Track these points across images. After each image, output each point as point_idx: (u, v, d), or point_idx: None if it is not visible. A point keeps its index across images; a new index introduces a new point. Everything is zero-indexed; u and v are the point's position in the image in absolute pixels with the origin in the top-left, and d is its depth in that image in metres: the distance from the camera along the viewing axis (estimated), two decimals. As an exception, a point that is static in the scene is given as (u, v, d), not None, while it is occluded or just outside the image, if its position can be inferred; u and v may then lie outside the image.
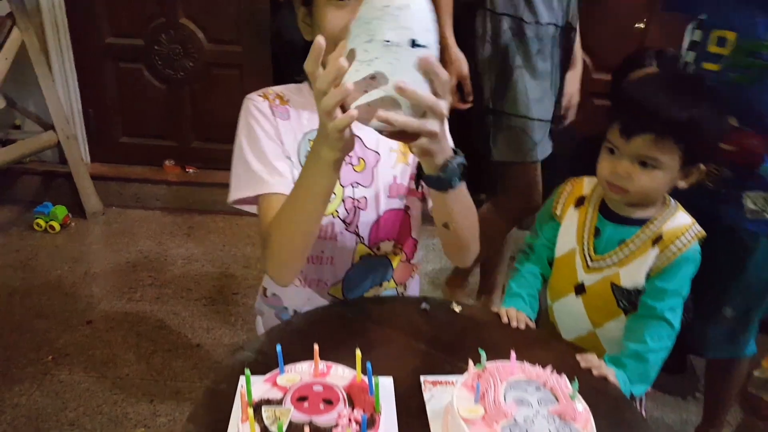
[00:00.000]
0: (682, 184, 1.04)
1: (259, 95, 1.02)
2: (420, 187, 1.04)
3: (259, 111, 1.00)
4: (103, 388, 1.73)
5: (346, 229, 1.05)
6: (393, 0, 0.66)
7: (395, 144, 1.03)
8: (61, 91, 2.69)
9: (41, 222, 2.54)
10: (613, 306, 1.10)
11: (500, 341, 1.01)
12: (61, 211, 2.57)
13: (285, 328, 1.04)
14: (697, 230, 1.04)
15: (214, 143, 2.88)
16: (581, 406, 0.77)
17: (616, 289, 1.09)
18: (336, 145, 0.73)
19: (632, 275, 1.06)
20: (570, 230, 1.14)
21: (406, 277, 1.17)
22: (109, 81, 2.76)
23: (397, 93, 0.67)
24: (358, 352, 0.80)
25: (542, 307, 1.22)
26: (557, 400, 0.78)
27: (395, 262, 1.12)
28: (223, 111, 2.79)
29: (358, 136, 0.97)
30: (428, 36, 0.68)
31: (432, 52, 0.69)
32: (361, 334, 1.01)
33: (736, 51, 1.28)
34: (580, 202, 1.15)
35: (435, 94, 0.70)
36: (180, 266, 2.40)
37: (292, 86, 1.06)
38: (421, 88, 0.68)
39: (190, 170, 2.90)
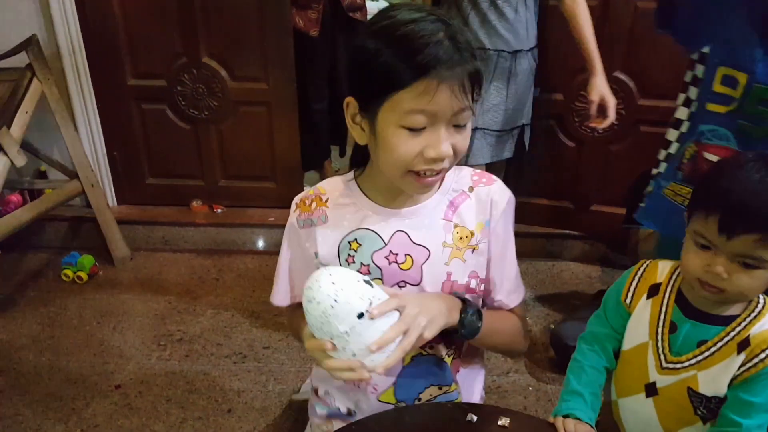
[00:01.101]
0: None
1: (297, 203, 1.00)
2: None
3: (289, 223, 1.01)
4: (133, 467, 1.66)
5: None
6: (325, 306, 0.79)
7: (449, 238, 0.96)
8: (85, 135, 2.64)
9: (69, 273, 2.49)
10: (690, 413, 0.96)
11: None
12: (88, 260, 2.52)
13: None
14: None
15: (242, 181, 2.81)
16: None
17: (694, 394, 0.95)
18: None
19: (712, 381, 0.92)
20: (642, 322, 1.00)
21: (461, 370, 1.06)
22: (133, 123, 2.70)
23: (375, 350, 0.81)
24: None
25: (605, 400, 1.09)
26: None
27: (449, 362, 1.02)
28: (251, 148, 2.74)
29: (405, 232, 0.94)
30: (365, 295, 0.81)
31: (375, 302, 0.81)
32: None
33: (745, 95, 1.11)
34: (653, 290, 1.00)
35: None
36: (209, 317, 2.33)
37: (339, 181, 1.00)
38: (389, 324, 0.82)
39: (218, 209, 2.83)
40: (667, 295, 0.99)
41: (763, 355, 0.88)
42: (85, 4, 2.47)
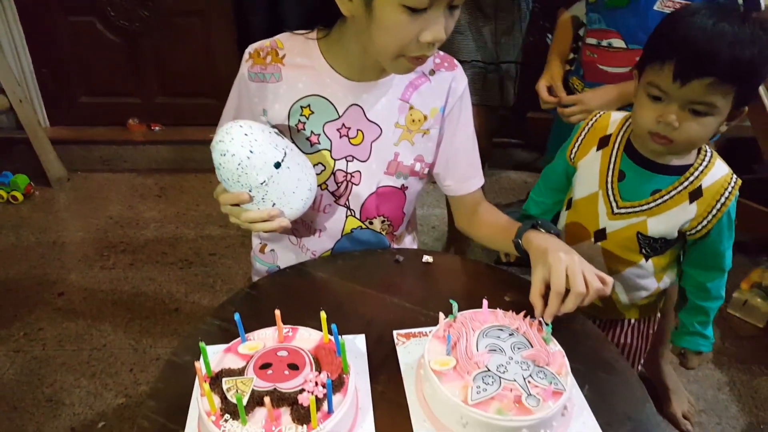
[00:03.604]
0: (723, 128, 0.93)
1: (251, 52, 0.94)
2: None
3: (240, 73, 0.95)
4: (80, 361, 1.68)
5: (336, 202, 1.00)
6: (240, 158, 0.78)
7: (402, 119, 0.96)
8: (9, 50, 2.52)
9: (2, 193, 2.42)
10: (635, 253, 1.03)
11: (473, 289, 0.98)
12: (22, 180, 2.45)
13: (250, 293, 0.99)
14: (736, 180, 0.96)
15: (180, 98, 2.76)
16: (555, 348, 0.75)
17: (642, 237, 1.02)
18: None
19: (662, 225, 0.99)
20: (592, 173, 1.05)
21: (394, 245, 1.11)
22: (60, 37, 2.59)
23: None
24: (323, 314, 0.75)
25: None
26: (531, 345, 0.74)
27: (384, 234, 1.07)
28: (187, 62, 2.67)
29: (360, 107, 0.93)
30: (279, 145, 0.82)
31: (289, 152, 0.83)
32: (331, 291, 0.96)
33: None
34: (603, 142, 1.04)
35: None
36: (153, 230, 2.32)
37: (299, 39, 0.94)
38: (305, 171, 0.88)
39: (156, 128, 2.78)
40: (616, 146, 1.02)
41: (719, 205, 0.95)
42: None
